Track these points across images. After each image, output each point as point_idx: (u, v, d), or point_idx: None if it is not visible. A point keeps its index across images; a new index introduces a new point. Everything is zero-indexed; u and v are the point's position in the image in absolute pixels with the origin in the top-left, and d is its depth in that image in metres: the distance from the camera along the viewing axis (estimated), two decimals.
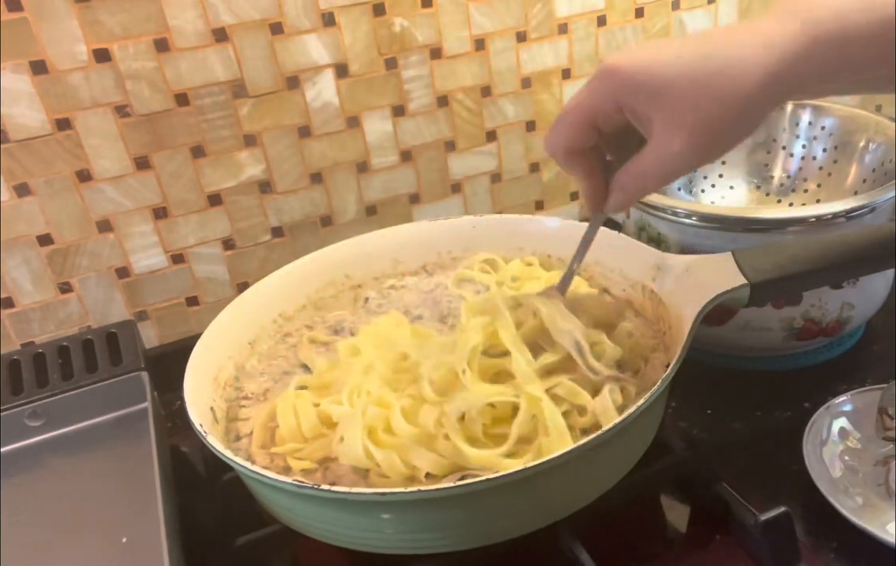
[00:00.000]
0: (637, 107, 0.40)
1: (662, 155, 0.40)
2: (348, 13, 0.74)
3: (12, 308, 0.71)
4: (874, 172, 0.71)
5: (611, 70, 0.40)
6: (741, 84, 0.38)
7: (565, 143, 0.43)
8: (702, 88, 0.38)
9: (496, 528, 0.44)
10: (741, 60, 0.38)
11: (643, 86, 0.39)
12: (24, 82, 0.65)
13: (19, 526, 0.52)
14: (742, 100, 0.38)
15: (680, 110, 0.38)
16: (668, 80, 0.38)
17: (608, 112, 0.41)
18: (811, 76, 0.39)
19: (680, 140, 0.39)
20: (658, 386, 0.44)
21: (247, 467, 0.43)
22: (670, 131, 0.39)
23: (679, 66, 0.38)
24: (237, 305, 0.60)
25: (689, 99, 0.38)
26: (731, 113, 0.39)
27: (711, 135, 0.39)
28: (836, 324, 0.63)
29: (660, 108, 0.39)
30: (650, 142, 0.40)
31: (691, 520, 0.52)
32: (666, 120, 0.39)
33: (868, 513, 0.49)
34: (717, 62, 0.38)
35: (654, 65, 0.39)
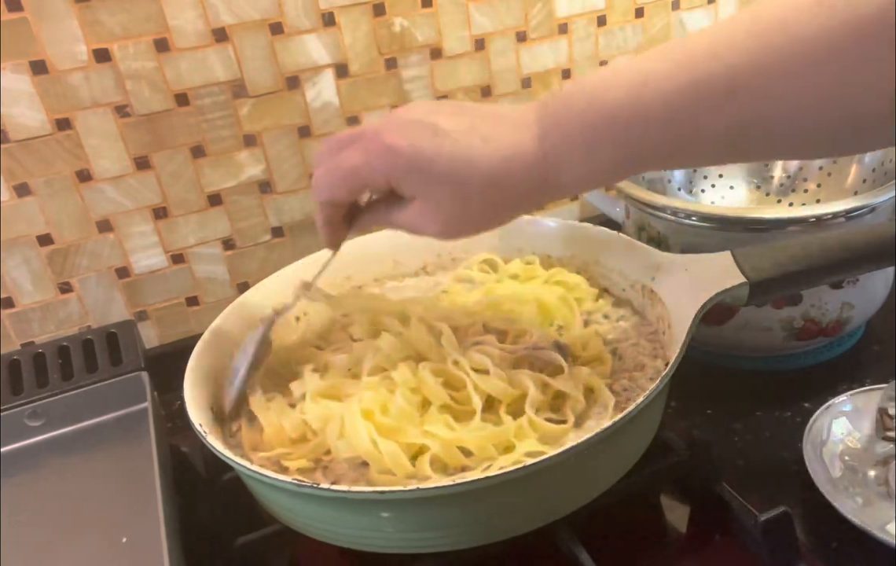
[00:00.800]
0: (405, 188, 0.43)
1: (419, 225, 0.45)
2: (348, 13, 0.74)
3: (12, 308, 0.71)
4: (874, 172, 0.71)
5: (389, 149, 0.42)
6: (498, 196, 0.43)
7: (333, 197, 0.47)
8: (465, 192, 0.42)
9: (496, 527, 0.44)
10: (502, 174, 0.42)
11: (416, 178, 0.42)
12: (24, 82, 0.65)
13: (19, 526, 0.52)
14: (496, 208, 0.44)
15: (442, 204, 0.43)
16: (439, 177, 0.42)
17: (379, 185, 0.44)
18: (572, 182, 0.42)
19: (435, 227, 0.44)
20: (657, 385, 0.44)
21: (247, 467, 0.43)
22: (430, 214, 0.43)
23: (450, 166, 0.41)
24: (237, 306, 0.60)
25: (453, 199, 0.42)
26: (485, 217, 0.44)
27: (464, 227, 0.44)
28: (836, 324, 0.63)
29: (426, 195, 0.43)
30: (410, 209, 0.44)
31: (691, 520, 0.52)
32: (429, 204, 0.43)
33: (868, 513, 0.49)
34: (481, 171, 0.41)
35: (431, 164, 0.42)
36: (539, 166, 0.41)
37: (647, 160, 0.41)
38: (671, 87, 0.37)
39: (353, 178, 0.44)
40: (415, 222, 0.44)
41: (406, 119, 0.43)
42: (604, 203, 0.78)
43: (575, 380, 0.49)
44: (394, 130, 0.43)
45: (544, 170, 0.42)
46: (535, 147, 0.41)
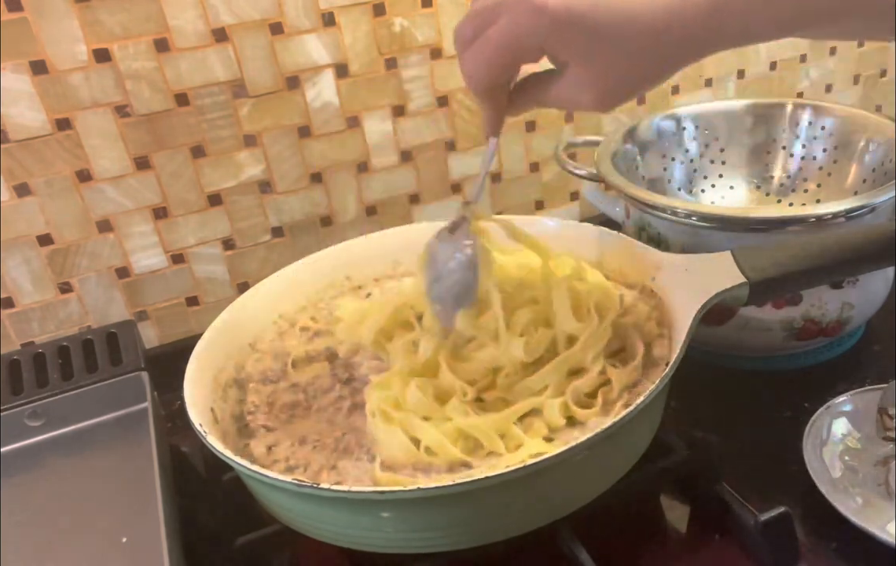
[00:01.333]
0: (560, 52, 0.40)
1: (575, 96, 0.41)
2: (348, 13, 0.74)
3: (12, 308, 0.71)
4: (874, 172, 0.71)
5: (538, 9, 0.38)
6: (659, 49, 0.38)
7: (491, 81, 0.42)
8: (625, 50, 0.38)
9: (496, 527, 0.44)
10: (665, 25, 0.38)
11: (572, 34, 0.39)
12: (24, 82, 0.65)
13: (19, 526, 0.52)
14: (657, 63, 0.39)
15: (600, 66, 0.39)
16: (595, 34, 0.38)
17: (534, 54, 0.40)
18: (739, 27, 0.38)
19: (596, 91, 0.40)
20: (657, 385, 0.44)
21: (247, 467, 0.43)
22: (588, 80, 0.40)
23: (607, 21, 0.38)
24: (237, 306, 0.60)
25: (612, 58, 0.39)
26: (646, 75, 0.40)
27: (625, 90, 0.41)
28: (836, 324, 0.63)
29: (582, 58, 0.39)
30: (566, 77, 0.41)
31: (691, 520, 0.52)
32: (587, 68, 0.40)
33: (868, 513, 0.49)
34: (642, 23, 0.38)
35: (583, 15, 0.38)
36: (708, 10, 0.37)
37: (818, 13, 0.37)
38: None
39: (507, 51, 0.40)
40: (570, 93, 0.41)
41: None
42: (604, 203, 0.78)
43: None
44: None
45: (714, 15, 0.37)
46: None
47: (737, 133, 0.79)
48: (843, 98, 1.01)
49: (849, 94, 1.01)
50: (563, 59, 0.40)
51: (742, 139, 0.79)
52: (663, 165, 0.79)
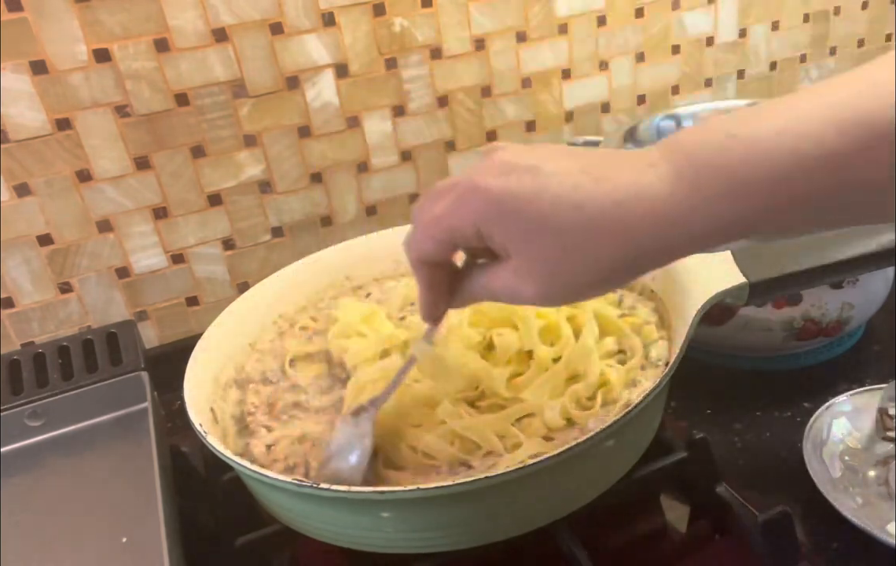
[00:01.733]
0: (497, 237, 0.36)
1: (514, 291, 0.37)
2: (348, 13, 0.74)
3: (12, 308, 0.71)
4: None
5: (481, 189, 0.36)
6: (610, 247, 0.34)
7: (424, 255, 0.40)
8: (569, 242, 0.34)
9: (496, 527, 0.44)
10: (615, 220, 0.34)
11: (510, 219, 0.35)
12: (24, 82, 0.65)
13: (19, 526, 0.52)
14: (608, 264, 0.35)
15: (542, 258, 0.35)
16: (537, 222, 0.35)
17: (469, 238, 0.37)
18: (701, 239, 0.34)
19: (534, 289, 0.36)
20: (657, 385, 0.44)
21: (247, 467, 0.43)
22: (527, 272, 0.36)
23: (551, 209, 0.34)
24: (237, 306, 0.60)
25: (554, 250, 0.35)
26: (595, 275, 0.35)
27: (569, 289, 0.36)
28: (836, 324, 0.63)
29: (522, 247, 0.36)
30: (504, 269, 0.37)
31: (691, 520, 0.52)
32: (526, 259, 0.36)
33: (868, 513, 0.49)
34: (589, 213, 0.34)
35: (526, 200, 0.35)
36: (666, 211, 0.33)
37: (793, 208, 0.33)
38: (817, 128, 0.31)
39: (440, 228, 0.38)
40: (509, 284, 0.37)
41: (504, 160, 0.36)
42: None
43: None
44: (486, 172, 0.36)
45: (674, 216, 0.33)
46: (663, 189, 0.33)
47: None
48: None
49: None
50: (501, 245, 0.36)
51: None
52: None
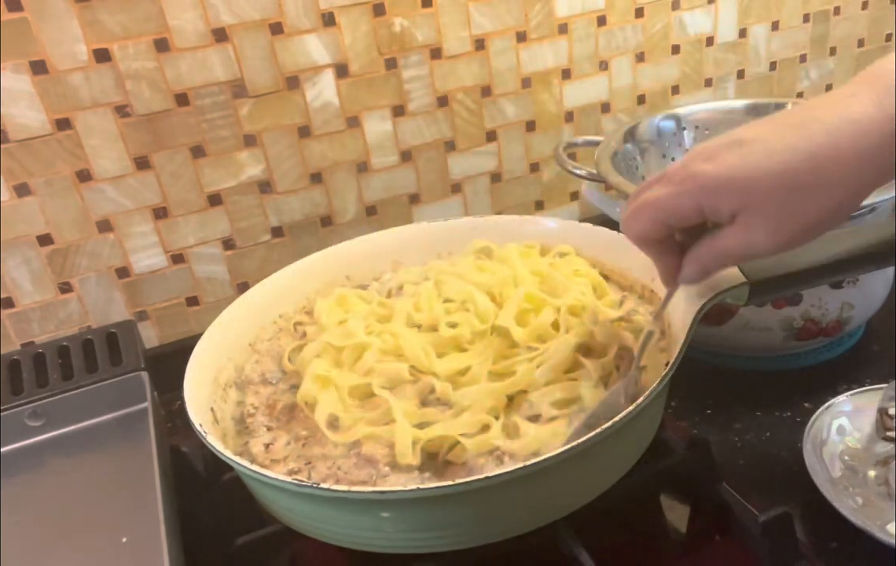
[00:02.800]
0: (722, 208, 0.39)
1: (746, 242, 0.39)
2: (348, 13, 0.74)
3: (12, 308, 0.71)
4: None
5: (695, 177, 0.39)
6: (834, 187, 0.37)
7: (643, 235, 0.43)
8: (791, 192, 0.37)
9: (496, 527, 0.44)
10: (835, 153, 0.36)
11: (730, 191, 0.38)
12: (24, 82, 0.65)
13: (19, 526, 0.52)
14: (834, 203, 0.37)
15: (767, 209, 0.38)
16: (755, 182, 0.37)
17: (689, 215, 0.40)
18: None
19: (765, 234, 0.38)
20: (657, 384, 0.44)
21: (247, 467, 0.43)
22: (756, 225, 0.38)
23: (767, 167, 0.37)
24: (238, 306, 0.60)
25: (777, 200, 0.37)
26: (821, 213, 0.38)
27: (798, 230, 0.38)
28: (836, 324, 0.63)
29: (745, 207, 0.38)
30: (733, 227, 0.39)
31: (691, 520, 0.52)
32: (752, 215, 0.38)
33: (868, 513, 0.49)
34: (808, 158, 0.36)
35: (742, 169, 0.38)
36: (879, 129, 0.35)
37: None
38: None
39: (656, 209, 0.41)
40: (740, 241, 0.39)
41: (709, 146, 0.39)
42: (604, 203, 0.78)
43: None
44: (697, 157, 0.39)
45: (883, 132, 0.35)
46: (870, 111, 0.36)
47: None
48: None
49: None
50: (727, 213, 0.39)
51: None
52: (663, 165, 0.79)
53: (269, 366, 0.58)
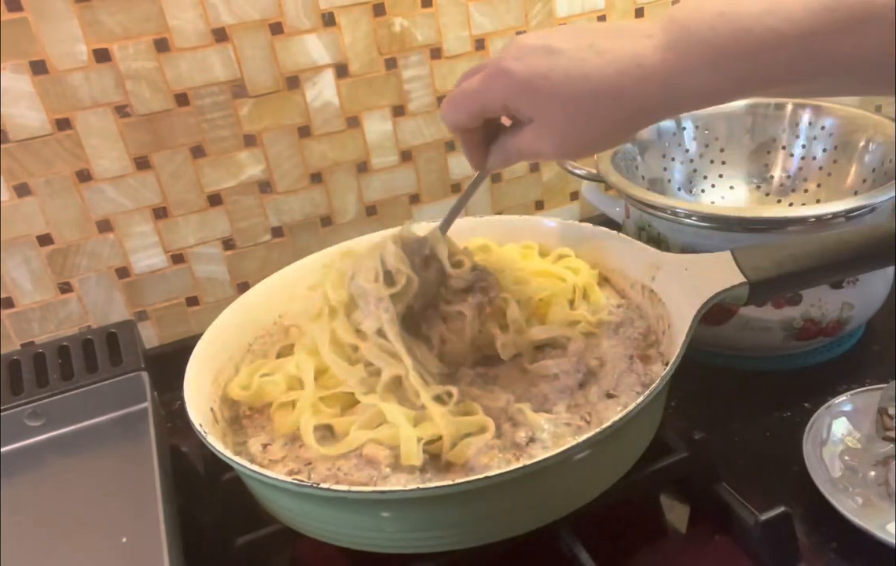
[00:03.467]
0: (521, 109, 0.44)
1: (536, 146, 0.45)
2: (348, 13, 0.74)
3: (12, 308, 0.71)
4: (874, 172, 0.71)
5: (505, 72, 0.43)
6: (613, 119, 0.42)
7: (457, 124, 0.48)
8: (576, 114, 0.42)
9: (496, 527, 0.44)
10: (617, 93, 0.41)
11: (529, 97, 0.43)
12: (24, 82, 0.65)
13: (19, 526, 0.52)
14: (611, 123, 0.42)
15: (555, 122, 0.43)
16: (550, 97, 0.42)
17: (495, 108, 0.45)
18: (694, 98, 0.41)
19: (551, 143, 0.44)
20: (657, 384, 0.44)
21: (247, 467, 0.43)
22: (544, 133, 0.44)
23: (562, 88, 0.41)
24: (238, 306, 0.60)
25: (564, 117, 0.42)
26: (600, 132, 0.43)
27: (579, 146, 0.44)
28: (836, 324, 0.63)
29: (540, 114, 0.43)
30: (528, 128, 0.45)
31: (691, 520, 0.52)
32: (543, 123, 0.44)
33: (868, 513, 0.49)
34: (594, 84, 0.41)
35: (542, 82, 0.42)
36: (659, 76, 0.40)
37: (772, 80, 0.39)
38: (801, 7, 0.37)
39: (471, 101, 0.46)
40: (531, 144, 0.45)
41: (523, 44, 0.43)
42: (604, 203, 0.78)
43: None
44: (510, 55, 0.43)
45: (665, 80, 0.40)
46: (657, 58, 0.40)
47: (737, 133, 0.79)
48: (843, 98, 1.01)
49: None
50: (525, 114, 0.44)
51: (742, 139, 0.79)
52: (663, 165, 0.79)
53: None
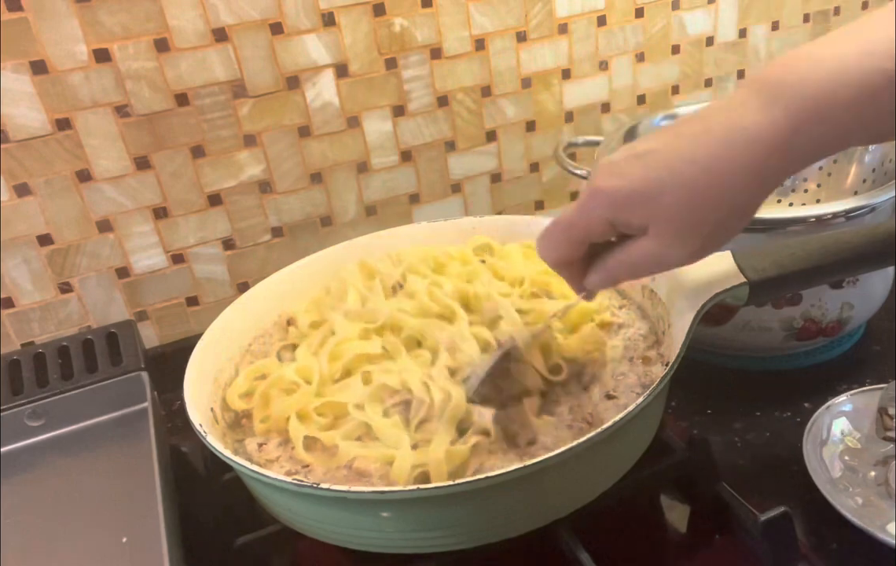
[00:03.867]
0: (632, 220, 0.40)
1: (658, 253, 0.41)
2: (348, 13, 0.74)
3: (12, 308, 0.71)
4: (874, 172, 0.71)
5: (601, 191, 0.40)
6: (732, 194, 0.39)
7: (558, 257, 0.45)
8: (693, 202, 0.39)
9: (496, 527, 0.44)
10: (729, 165, 0.38)
11: (638, 204, 0.40)
12: (24, 82, 0.65)
13: (19, 526, 0.52)
14: (732, 205, 0.39)
15: (674, 220, 0.39)
16: (660, 195, 0.39)
17: (601, 231, 0.42)
18: (803, 157, 0.38)
19: (678, 244, 0.40)
20: (657, 384, 0.44)
21: (247, 467, 0.43)
22: (668, 236, 0.40)
23: (669, 180, 0.39)
24: (237, 306, 0.60)
25: (682, 211, 0.39)
26: (723, 216, 0.39)
27: (705, 237, 0.40)
28: (836, 324, 0.63)
29: (654, 218, 0.40)
30: (645, 238, 0.41)
31: (691, 520, 0.52)
32: (661, 227, 0.40)
33: (868, 513, 0.49)
34: (705, 170, 0.38)
35: (645, 183, 0.39)
36: (767, 135, 0.37)
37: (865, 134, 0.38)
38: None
39: (572, 230, 0.43)
40: (654, 253, 0.41)
41: (610, 162, 0.41)
42: None
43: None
44: (601, 177, 0.41)
45: (774, 138, 0.37)
46: (760, 117, 0.38)
47: None
48: None
49: None
50: (638, 226, 0.41)
51: None
52: None
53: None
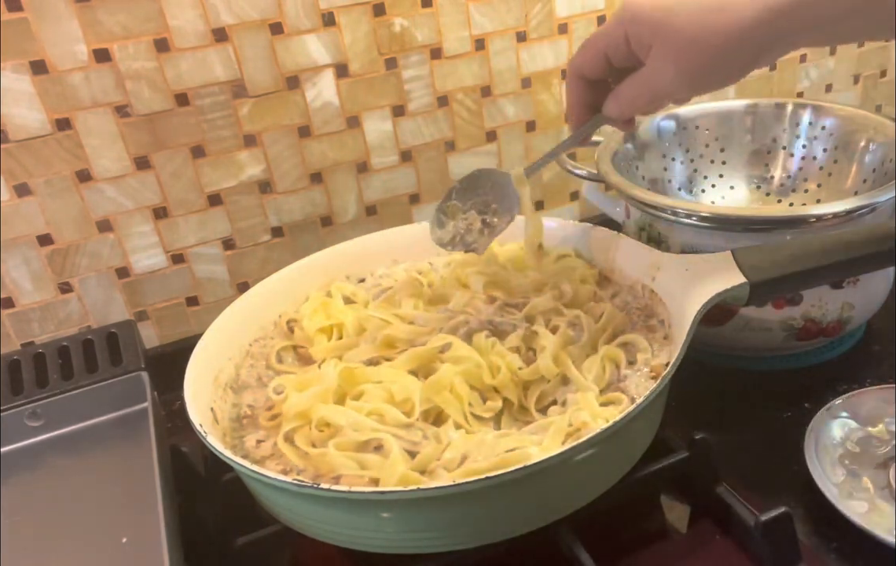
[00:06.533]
0: (641, 35, 0.45)
1: (656, 78, 0.46)
2: (348, 13, 0.74)
3: (12, 308, 0.71)
4: (874, 172, 0.71)
5: (625, 7, 0.46)
6: (735, 22, 0.42)
7: (581, 62, 0.50)
8: (699, 24, 0.43)
9: (496, 527, 0.44)
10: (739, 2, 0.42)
11: (648, 18, 0.44)
12: (24, 82, 0.65)
13: (19, 526, 0.52)
14: (735, 38, 0.42)
15: (677, 42, 0.44)
16: (670, 13, 0.43)
17: (618, 41, 0.47)
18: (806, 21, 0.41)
19: (674, 68, 0.44)
20: (658, 384, 0.44)
21: (247, 467, 0.43)
22: (666, 59, 0.45)
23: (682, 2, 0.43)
24: (237, 306, 0.60)
25: (687, 33, 0.43)
26: (723, 50, 0.43)
27: (702, 68, 0.44)
28: (836, 324, 0.63)
29: (659, 38, 0.44)
30: (647, 65, 0.46)
31: (691, 520, 0.52)
32: (663, 48, 0.44)
33: (868, 513, 0.49)
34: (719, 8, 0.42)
35: (663, 2, 0.44)
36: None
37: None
38: None
39: (595, 38, 0.48)
40: (654, 72, 0.45)
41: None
42: (604, 203, 0.78)
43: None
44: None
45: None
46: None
47: (737, 133, 0.79)
48: (843, 98, 1.01)
49: (849, 94, 1.01)
50: (647, 37, 0.45)
51: (742, 139, 0.79)
52: (663, 165, 0.79)
53: (264, 370, 0.58)
